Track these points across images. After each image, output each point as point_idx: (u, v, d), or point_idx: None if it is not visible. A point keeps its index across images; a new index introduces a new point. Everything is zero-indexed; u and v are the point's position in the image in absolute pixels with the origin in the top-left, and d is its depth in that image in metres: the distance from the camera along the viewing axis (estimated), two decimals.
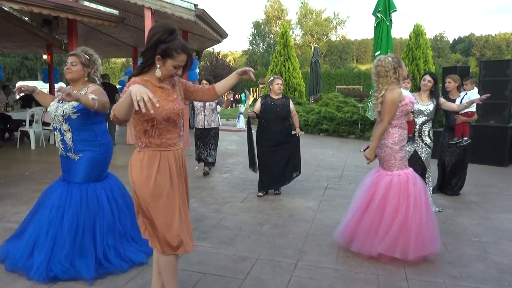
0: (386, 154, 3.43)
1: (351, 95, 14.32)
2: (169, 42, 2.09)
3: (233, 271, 3.10)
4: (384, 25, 8.57)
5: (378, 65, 3.36)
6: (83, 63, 3.02)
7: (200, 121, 6.40)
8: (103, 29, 11.11)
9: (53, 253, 2.87)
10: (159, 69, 2.13)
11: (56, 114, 3.02)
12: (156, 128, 2.15)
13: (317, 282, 2.95)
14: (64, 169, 3.15)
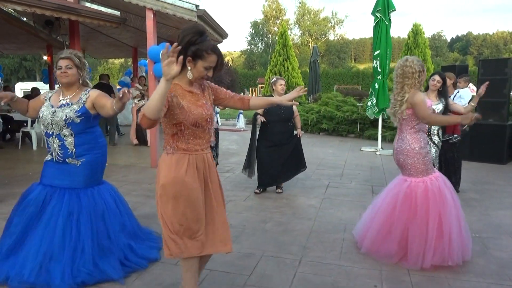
0: (415, 160, 3.27)
1: (350, 94, 14.37)
2: (200, 44, 2.11)
3: (238, 267, 3.16)
4: (383, 25, 8.63)
5: (405, 65, 3.23)
6: (78, 66, 2.95)
7: None
8: (104, 30, 11.15)
9: (74, 261, 2.81)
10: (190, 71, 2.15)
11: (54, 120, 2.90)
12: (184, 133, 2.17)
13: (322, 278, 3.02)
14: (56, 175, 3.00)
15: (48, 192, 2.97)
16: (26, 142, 9.63)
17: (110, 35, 12.00)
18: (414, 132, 3.30)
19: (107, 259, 2.91)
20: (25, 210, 2.91)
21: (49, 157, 3.03)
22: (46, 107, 2.96)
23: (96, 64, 43.84)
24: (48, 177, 3.02)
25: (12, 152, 8.55)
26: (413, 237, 3.14)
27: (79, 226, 2.89)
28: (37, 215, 2.90)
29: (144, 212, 4.56)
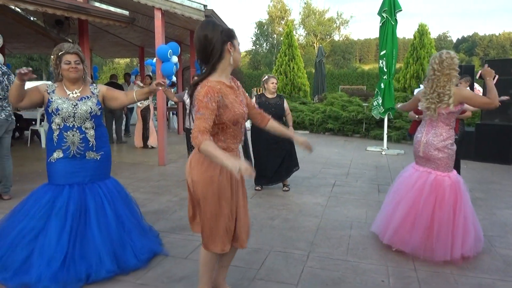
0: (446, 156, 3.33)
1: (356, 94, 14.40)
2: (225, 28, 2.18)
3: (248, 262, 3.22)
4: (389, 25, 8.66)
5: (451, 56, 3.23)
6: (83, 61, 3.01)
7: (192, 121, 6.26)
8: (111, 30, 11.26)
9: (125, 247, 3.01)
10: (232, 56, 2.17)
11: (77, 112, 2.93)
12: (225, 132, 2.19)
13: (329, 272, 3.07)
14: (72, 172, 2.98)
15: (68, 191, 2.96)
16: (35, 140, 9.76)
17: (117, 35, 12.11)
18: (449, 129, 3.36)
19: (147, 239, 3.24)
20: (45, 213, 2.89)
21: (60, 155, 2.94)
22: (60, 100, 2.92)
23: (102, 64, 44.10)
24: (66, 176, 2.97)
25: (21, 150, 8.66)
26: (440, 228, 3.19)
27: (110, 216, 3.05)
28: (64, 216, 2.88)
29: (152, 208, 4.64)
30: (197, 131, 2.01)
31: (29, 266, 2.72)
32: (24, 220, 2.86)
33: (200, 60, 2.20)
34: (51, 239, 2.79)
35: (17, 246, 2.79)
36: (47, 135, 3.05)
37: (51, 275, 2.66)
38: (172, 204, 4.80)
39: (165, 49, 6.68)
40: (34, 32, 11.20)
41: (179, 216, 4.36)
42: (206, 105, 2.04)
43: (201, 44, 2.13)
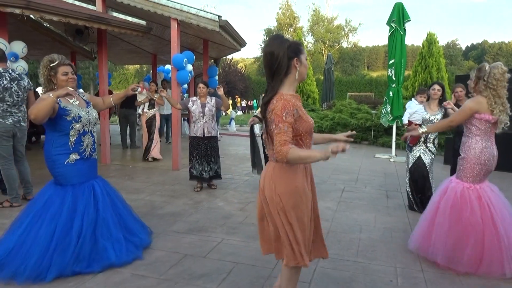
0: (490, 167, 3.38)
1: (364, 102, 14.55)
2: (292, 43, 2.21)
3: (262, 261, 3.40)
4: (398, 34, 8.85)
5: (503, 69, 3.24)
6: (75, 72, 3.35)
7: (198, 128, 5.70)
8: (125, 37, 11.57)
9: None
10: (298, 71, 2.21)
11: (90, 118, 3.30)
12: (302, 143, 2.23)
13: (340, 272, 3.25)
14: (87, 171, 3.31)
15: (86, 188, 3.27)
16: None
17: (131, 42, 12.42)
18: None
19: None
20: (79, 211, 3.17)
21: (77, 157, 3.22)
22: (74, 107, 3.19)
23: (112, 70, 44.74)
24: (82, 175, 3.27)
25: (39, 154, 8.89)
26: (491, 244, 3.17)
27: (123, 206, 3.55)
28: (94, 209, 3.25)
29: (169, 210, 4.84)
30: (279, 145, 2.05)
31: (101, 252, 3.15)
32: (76, 219, 3.12)
33: (266, 75, 2.25)
34: (90, 232, 3.15)
35: (84, 239, 3.11)
36: (54, 141, 3.17)
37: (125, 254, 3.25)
38: (188, 207, 5.01)
39: (181, 57, 6.93)
40: (51, 40, 11.60)
41: (195, 218, 4.56)
42: (285, 119, 2.08)
43: (267, 60, 2.19)
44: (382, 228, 4.37)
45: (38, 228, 3.03)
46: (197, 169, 5.80)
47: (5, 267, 2.95)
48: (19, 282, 2.87)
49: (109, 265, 3.15)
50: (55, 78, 3.17)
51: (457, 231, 3.26)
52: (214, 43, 10.13)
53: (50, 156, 3.20)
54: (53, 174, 3.25)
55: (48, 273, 2.92)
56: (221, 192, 5.79)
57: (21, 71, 6.24)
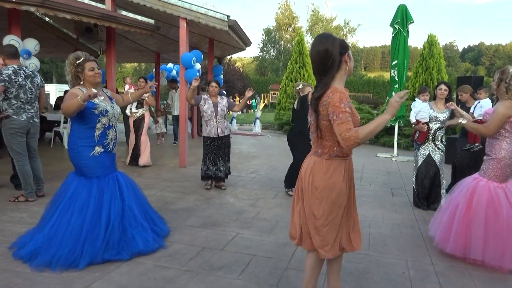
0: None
1: (365, 102, 14.70)
2: (340, 40, 2.30)
3: (279, 254, 3.53)
4: (402, 36, 9.00)
5: None
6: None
7: (212, 129, 5.63)
8: (129, 36, 11.66)
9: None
10: (348, 66, 2.31)
11: (114, 113, 3.44)
12: None
13: (354, 265, 3.37)
14: (110, 164, 3.47)
15: (111, 179, 3.41)
16: (56, 141, 10.13)
17: (135, 41, 12.51)
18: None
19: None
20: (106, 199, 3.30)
21: (101, 149, 3.35)
22: (102, 102, 3.35)
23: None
24: (106, 167, 3.41)
25: (46, 151, 9.02)
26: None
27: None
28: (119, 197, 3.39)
29: (182, 206, 4.95)
30: (346, 133, 2.11)
31: (130, 240, 3.31)
32: (103, 210, 3.25)
33: (317, 72, 2.30)
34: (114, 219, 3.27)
35: (113, 228, 3.23)
36: (81, 133, 3.28)
37: (151, 242, 3.43)
38: (200, 203, 5.12)
39: (189, 56, 7.04)
40: (56, 37, 11.65)
41: (208, 213, 4.68)
42: (344, 109, 2.14)
43: (320, 57, 2.25)
44: (391, 224, 4.51)
45: (69, 219, 3.14)
46: (211, 170, 5.74)
47: (39, 256, 3.06)
48: (53, 269, 2.99)
49: (137, 253, 3.30)
50: (82, 74, 3.30)
51: (497, 228, 3.30)
52: (219, 42, 10.24)
53: (75, 147, 3.29)
54: (77, 165, 3.34)
55: (81, 261, 3.05)
56: (230, 189, 5.90)
57: (33, 68, 6.33)
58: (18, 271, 3.01)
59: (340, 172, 2.32)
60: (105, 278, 2.96)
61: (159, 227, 3.71)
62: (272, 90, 34.58)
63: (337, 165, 2.32)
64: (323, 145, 2.33)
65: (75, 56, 3.32)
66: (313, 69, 2.33)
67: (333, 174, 2.30)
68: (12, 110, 4.70)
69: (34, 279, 2.91)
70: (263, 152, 9.95)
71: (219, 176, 5.78)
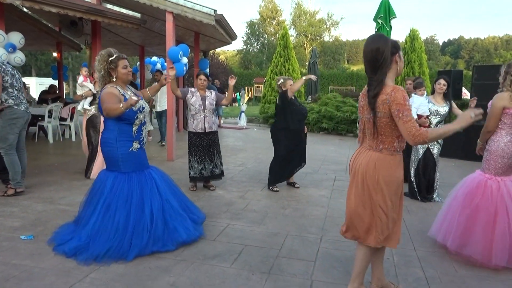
0: None
1: (349, 95, 14.93)
2: (392, 40, 2.41)
3: (269, 243, 3.66)
4: (384, 30, 9.19)
5: None
6: None
7: (199, 123, 5.31)
8: (113, 29, 11.55)
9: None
10: (399, 65, 2.41)
11: (146, 110, 3.52)
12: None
13: (342, 252, 3.53)
14: (145, 160, 3.58)
15: (147, 174, 3.51)
16: (40, 135, 10.02)
17: (119, 34, 12.39)
18: None
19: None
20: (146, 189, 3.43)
21: (138, 146, 3.46)
22: (138, 99, 3.37)
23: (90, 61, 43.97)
24: (142, 163, 3.52)
25: (30, 145, 8.91)
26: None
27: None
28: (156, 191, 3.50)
29: None
30: (415, 130, 2.23)
31: (172, 232, 3.42)
32: (146, 204, 3.36)
33: (369, 70, 2.40)
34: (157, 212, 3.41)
35: (157, 222, 3.36)
36: (119, 128, 3.35)
37: (193, 231, 3.59)
38: (190, 195, 5.17)
39: (176, 50, 7.07)
40: (37, 30, 11.48)
41: (199, 205, 4.70)
42: (408, 107, 2.27)
43: (373, 55, 2.34)
44: None
45: (112, 214, 3.24)
46: (195, 169, 5.40)
47: (85, 252, 3.14)
48: (100, 262, 3.09)
49: (182, 243, 3.46)
50: (115, 72, 3.35)
51: (466, 214, 3.37)
52: (205, 35, 10.25)
53: (113, 142, 3.35)
54: (115, 160, 3.38)
55: (129, 254, 3.18)
56: (219, 182, 5.98)
57: (18, 62, 6.30)
58: (14, 264, 3.06)
59: (401, 167, 2.48)
60: (101, 268, 3.04)
61: (196, 215, 3.86)
62: (256, 83, 34.58)
63: (399, 160, 2.47)
64: (382, 141, 2.41)
65: (107, 52, 3.36)
66: (365, 67, 2.42)
67: (396, 169, 2.44)
68: (12, 100, 4.72)
69: (30, 271, 2.97)
70: (249, 145, 10.06)
71: (204, 176, 5.44)
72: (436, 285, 2.97)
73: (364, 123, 2.50)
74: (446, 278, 3.08)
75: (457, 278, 3.09)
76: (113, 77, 3.37)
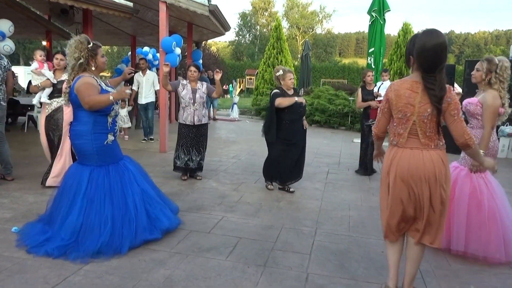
0: None
1: (341, 88, 14.93)
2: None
3: (264, 236, 3.65)
4: (378, 24, 9.17)
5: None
6: None
7: (188, 116, 5.33)
8: (104, 18, 11.36)
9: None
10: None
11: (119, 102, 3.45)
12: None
13: (337, 245, 3.54)
14: (119, 151, 3.48)
15: (123, 166, 3.42)
16: (29, 125, 9.87)
17: (110, 23, 12.20)
18: None
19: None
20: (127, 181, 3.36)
21: (112, 138, 3.35)
22: (113, 90, 3.39)
23: None
24: (117, 155, 3.44)
25: (19, 135, 8.80)
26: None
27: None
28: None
29: (165, 191, 4.88)
30: (469, 132, 2.33)
31: (155, 221, 3.43)
32: (127, 196, 3.29)
33: (433, 66, 2.29)
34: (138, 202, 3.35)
35: (141, 212, 3.33)
36: (94, 121, 3.20)
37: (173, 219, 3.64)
38: (183, 187, 5.17)
39: (170, 41, 6.97)
40: (26, 18, 11.21)
41: (193, 197, 4.75)
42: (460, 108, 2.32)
43: (436, 51, 2.27)
44: (369, 206, 4.71)
45: (97, 208, 3.14)
46: (182, 160, 5.44)
47: (74, 251, 3.03)
48: (96, 258, 3.02)
49: (165, 230, 3.48)
50: (95, 60, 3.23)
51: (479, 219, 3.33)
52: (198, 26, 10.14)
53: (87, 135, 3.21)
54: (89, 153, 3.25)
55: (123, 246, 3.13)
56: (212, 173, 5.97)
57: (8, 51, 6.15)
58: (6, 256, 3.01)
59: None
60: (95, 261, 3.00)
61: (171, 205, 3.86)
62: (248, 75, 34.41)
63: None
64: (440, 139, 2.41)
65: (86, 39, 3.22)
66: (428, 64, 2.30)
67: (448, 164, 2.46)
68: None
69: (23, 263, 2.92)
70: (242, 138, 10.02)
71: (190, 167, 5.46)
72: (430, 279, 3.00)
73: (413, 121, 2.37)
74: (440, 272, 3.11)
75: (451, 272, 3.13)
76: (92, 66, 3.24)
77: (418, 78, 2.36)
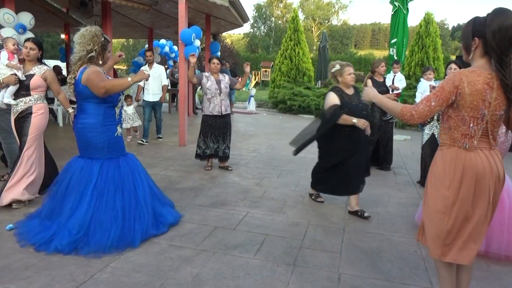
0: None
1: (360, 80, 14.64)
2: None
3: (291, 233, 3.55)
4: (401, 14, 8.90)
5: None
6: None
7: (215, 106, 5.44)
8: (121, 10, 11.33)
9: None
10: None
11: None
12: None
13: (367, 244, 3.41)
14: (124, 144, 3.45)
15: (130, 158, 3.41)
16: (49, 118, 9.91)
17: (127, 16, 12.16)
18: None
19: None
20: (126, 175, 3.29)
21: (120, 130, 3.32)
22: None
23: None
24: (124, 148, 3.42)
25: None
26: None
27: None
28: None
29: (187, 185, 4.92)
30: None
31: (159, 216, 3.44)
32: (137, 188, 3.27)
33: (500, 50, 1.98)
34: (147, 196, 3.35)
35: (152, 205, 3.37)
36: (104, 112, 3.17)
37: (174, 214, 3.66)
38: (205, 182, 5.10)
39: (189, 33, 6.87)
40: (45, 11, 11.24)
41: (215, 192, 4.66)
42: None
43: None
44: (396, 203, 4.56)
45: (110, 201, 3.09)
46: (211, 148, 5.55)
47: (86, 246, 2.98)
48: (108, 252, 2.98)
49: (170, 225, 3.49)
50: (103, 54, 3.20)
51: (500, 218, 3.22)
52: (216, 18, 10.01)
53: (97, 127, 3.15)
54: (99, 147, 3.18)
55: (135, 239, 3.11)
56: (233, 167, 5.87)
57: None
58: (32, 252, 2.97)
59: None
60: (122, 258, 2.95)
61: (169, 200, 3.85)
62: (263, 67, 34.14)
63: None
64: (494, 136, 2.13)
65: (101, 32, 3.16)
66: (505, 44, 1.97)
67: None
68: None
69: (49, 259, 2.88)
70: (261, 131, 9.90)
71: (220, 155, 5.61)
72: None
73: (487, 120, 2.04)
74: (478, 274, 2.96)
75: (490, 274, 2.98)
76: (99, 59, 3.18)
77: (487, 68, 2.04)
